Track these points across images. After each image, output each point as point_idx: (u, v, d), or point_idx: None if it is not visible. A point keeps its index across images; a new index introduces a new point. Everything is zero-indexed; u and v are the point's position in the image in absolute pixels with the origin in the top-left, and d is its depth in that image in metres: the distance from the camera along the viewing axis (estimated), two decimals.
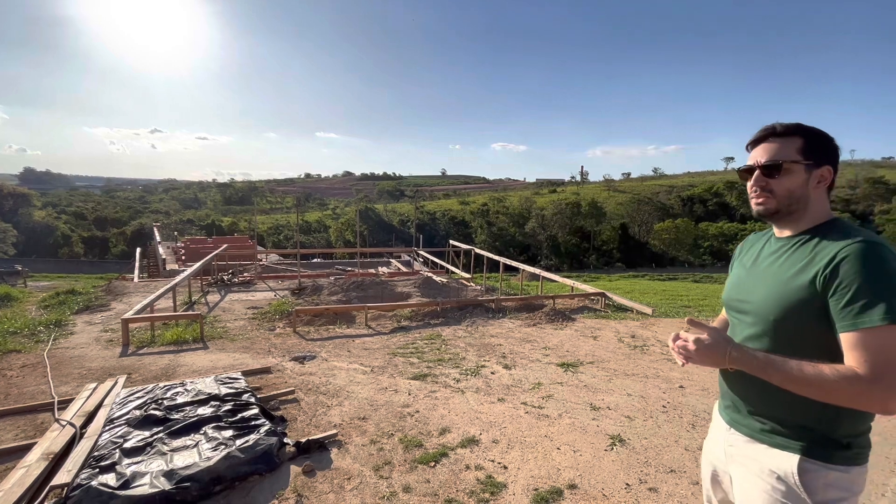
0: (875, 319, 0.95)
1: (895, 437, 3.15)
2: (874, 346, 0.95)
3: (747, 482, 1.19)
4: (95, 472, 2.38)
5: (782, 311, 1.11)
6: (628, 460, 2.83)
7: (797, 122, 1.17)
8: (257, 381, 4.16)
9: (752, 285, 1.22)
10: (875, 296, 0.96)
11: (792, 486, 1.09)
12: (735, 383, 1.23)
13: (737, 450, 1.23)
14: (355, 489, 2.51)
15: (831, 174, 1.15)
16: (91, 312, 7.52)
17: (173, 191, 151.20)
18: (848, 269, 1.00)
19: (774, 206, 1.17)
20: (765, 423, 1.17)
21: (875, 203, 58.75)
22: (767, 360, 1.06)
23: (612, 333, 6.15)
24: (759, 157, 1.18)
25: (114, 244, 57.14)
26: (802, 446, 1.10)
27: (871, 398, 0.95)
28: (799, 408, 1.09)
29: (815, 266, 1.07)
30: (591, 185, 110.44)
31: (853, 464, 1.08)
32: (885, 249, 1.00)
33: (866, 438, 1.11)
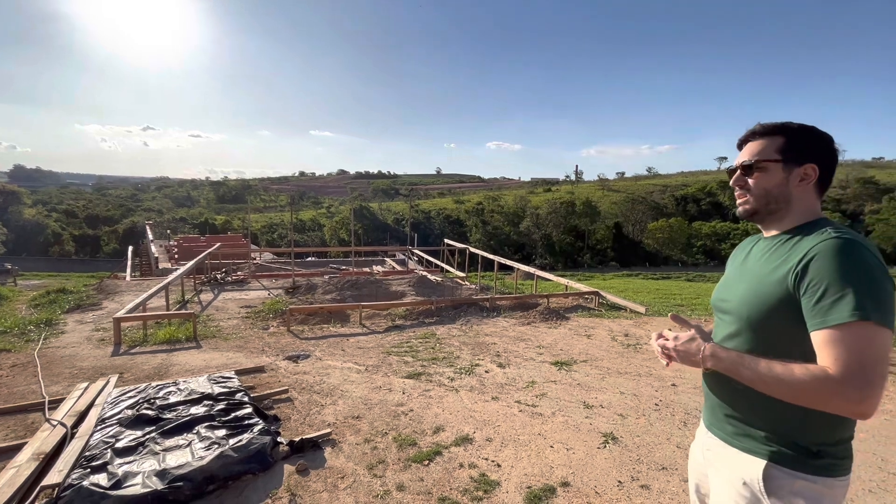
0: (845, 316, 0.91)
1: (883, 433, 3.20)
2: (844, 343, 0.91)
3: (719, 487, 1.16)
4: (87, 472, 2.37)
5: (756, 309, 1.08)
6: (621, 458, 2.85)
7: (783, 122, 1.14)
8: (251, 380, 4.14)
9: (733, 285, 1.20)
10: (845, 292, 0.92)
11: (756, 492, 1.06)
12: (712, 384, 1.20)
13: (713, 454, 1.21)
14: (349, 488, 2.51)
15: (816, 172, 1.10)
16: (82, 311, 7.45)
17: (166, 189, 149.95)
18: (818, 266, 0.97)
19: (752, 206, 1.16)
20: (737, 426, 1.13)
21: (865, 203, 59.45)
22: (739, 359, 1.04)
23: (605, 332, 6.19)
24: (741, 156, 1.18)
25: (105, 242, 56.59)
26: (770, 452, 1.06)
27: (842, 399, 0.89)
28: (768, 411, 1.06)
29: (788, 263, 1.03)
30: (585, 184, 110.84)
31: (824, 474, 1.02)
32: (858, 245, 0.96)
33: (843, 449, 1.04)
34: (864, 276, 0.93)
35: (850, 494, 2.49)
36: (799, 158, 1.10)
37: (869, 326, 0.89)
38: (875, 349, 0.89)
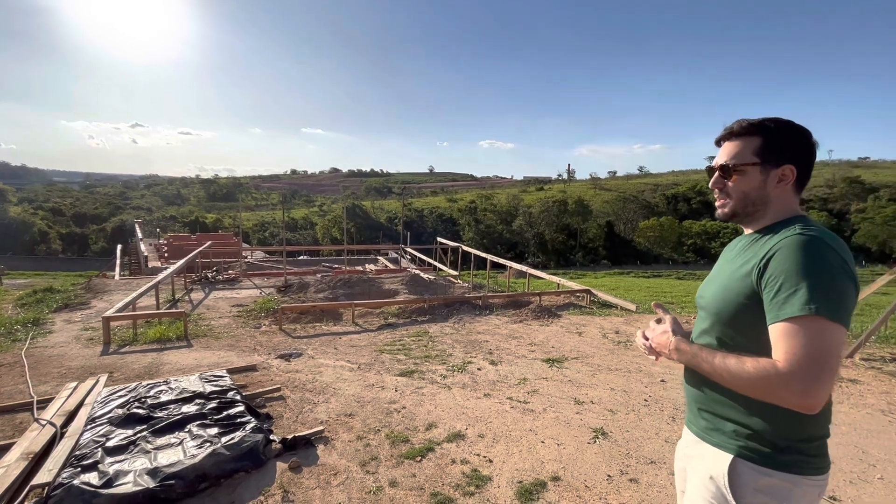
0: (796, 310, 0.91)
1: (864, 426, 3.28)
2: (794, 336, 0.91)
3: (692, 483, 1.17)
4: (77, 471, 2.36)
5: (724, 303, 1.09)
6: (610, 452, 2.90)
7: (760, 120, 1.11)
8: (243, 378, 4.13)
9: (710, 282, 1.21)
10: (798, 286, 0.92)
11: (721, 487, 1.06)
12: (688, 379, 1.21)
13: (690, 449, 1.22)
14: (342, 484, 2.52)
15: (794, 173, 1.09)
16: (70, 311, 7.35)
17: (155, 186, 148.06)
18: (778, 261, 0.97)
19: (730, 209, 1.16)
20: (709, 420, 1.14)
21: (851, 202, 60.48)
22: (699, 352, 1.05)
23: (596, 329, 6.26)
24: (718, 157, 1.17)
25: (93, 241, 55.79)
26: (738, 447, 1.05)
27: (787, 391, 0.90)
28: (736, 405, 1.06)
29: (754, 260, 1.04)
30: (577, 183, 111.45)
31: (792, 471, 1.00)
32: (820, 242, 0.96)
33: (815, 447, 1.03)
34: (821, 272, 0.93)
35: (831, 486, 2.56)
36: (777, 160, 1.09)
37: (819, 321, 0.90)
38: (823, 344, 0.89)
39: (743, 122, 1.13)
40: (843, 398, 3.80)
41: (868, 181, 66.97)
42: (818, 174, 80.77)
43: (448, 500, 2.38)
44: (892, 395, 3.84)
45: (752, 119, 1.12)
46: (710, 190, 1.21)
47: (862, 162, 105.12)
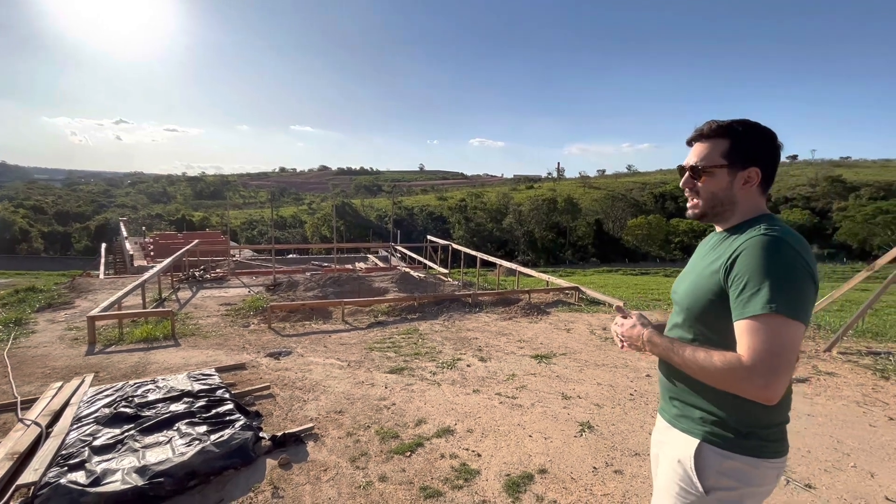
0: (758, 308, 0.97)
1: (839, 417, 3.39)
2: (756, 333, 0.97)
3: (663, 466, 1.24)
4: (64, 470, 2.34)
5: (694, 300, 1.15)
6: (596, 445, 2.96)
7: (728, 123, 1.15)
8: (231, 377, 4.12)
9: (683, 278, 1.27)
10: (760, 286, 0.98)
11: (688, 468, 1.12)
12: (662, 370, 1.28)
13: (661, 435, 1.29)
14: (331, 480, 2.54)
15: (759, 175, 1.14)
16: (54, 310, 7.23)
17: (140, 184, 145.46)
18: (743, 261, 1.03)
19: (700, 209, 1.21)
20: (679, 408, 1.21)
21: (833, 201, 61.83)
22: (670, 345, 1.11)
23: (584, 326, 6.34)
24: (689, 158, 1.21)
25: (77, 240, 54.68)
26: (704, 432, 1.12)
27: (749, 384, 0.96)
28: (704, 394, 1.13)
29: (721, 258, 1.10)
30: (567, 181, 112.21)
31: (753, 455, 1.07)
32: (782, 243, 1.01)
33: (775, 432, 1.10)
34: (782, 272, 0.99)
35: (807, 473, 2.65)
36: (743, 162, 1.14)
37: (778, 319, 0.96)
38: (782, 340, 0.95)
39: (712, 124, 1.17)
40: (820, 390, 3.92)
41: (849, 180, 68.55)
42: (801, 173, 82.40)
43: (437, 494, 2.42)
44: (867, 388, 3.97)
45: (721, 121, 1.16)
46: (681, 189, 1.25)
47: (843, 161, 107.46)
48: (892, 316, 7.74)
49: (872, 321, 6.63)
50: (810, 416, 3.40)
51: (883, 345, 5.20)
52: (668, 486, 1.19)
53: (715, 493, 1.10)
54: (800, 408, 3.56)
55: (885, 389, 3.93)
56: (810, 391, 3.90)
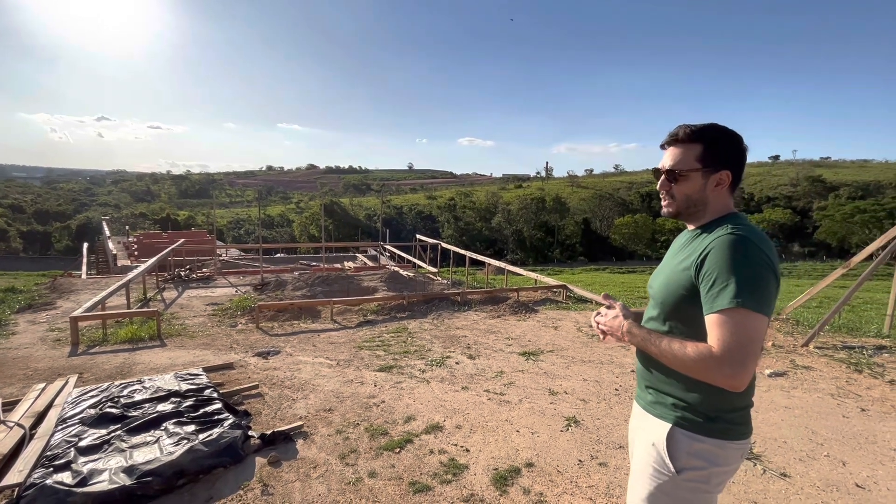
0: (725, 303, 1.05)
1: (815, 409, 3.51)
2: (724, 326, 1.04)
3: (638, 450, 1.32)
4: (49, 470, 2.32)
5: (668, 294, 1.23)
6: (582, 439, 3.02)
7: (701, 128, 1.22)
8: (219, 377, 4.10)
9: (658, 273, 1.34)
10: (728, 282, 1.06)
11: (661, 451, 1.21)
12: (639, 359, 1.35)
13: (637, 422, 1.37)
14: (321, 476, 2.56)
15: (729, 178, 1.21)
16: (35, 311, 7.09)
17: (123, 182, 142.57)
18: (712, 259, 1.11)
19: (675, 209, 1.28)
20: (653, 395, 1.29)
21: (814, 200, 63.32)
22: (648, 336, 1.19)
23: (571, 323, 6.43)
24: (665, 161, 1.28)
25: (57, 239, 53.44)
26: (675, 417, 1.20)
27: (718, 373, 1.04)
28: (676, 382, 1.21)
29: (693, 256, 1.17)
30: (555, 180, 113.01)
31: (720, 437, 1.16)
32: (747, 241, 1.09)
33: (740, 416, 1.18)
34: (746, 268, 1.07)
35: (783, 462, 2.75)
36: (715, 165, 1.21)
37: (744, 312, 1.03)
38: (747, 332, 1.03)
39: (686, 129, 1.23)
40: (797, 384, 4.05)
41: (829, 180, 70.29)
42: (783, 173, 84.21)
43: (426, 489, 2.46)
44: (842, 381, 4.11)
45: (694, 127, 1.23)
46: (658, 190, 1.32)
47: (824, 161, 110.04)
48: (869, 312, 8.00)
49: (849, 317, 6.84)
50: (787, 409, 3.51)
51: (857, 339, 5.38)
52: (643, 468, 1.26)
53: (685, 472, 1.18)
54: (777, 400, 3.67)
55: (858, 382, 4.07)
56: (788, 384, 4.03)
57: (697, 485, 1.18)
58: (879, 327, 5.74)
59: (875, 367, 4.40)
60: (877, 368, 4.38)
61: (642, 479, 1.26)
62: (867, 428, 3.22)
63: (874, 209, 45.00)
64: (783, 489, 2.50)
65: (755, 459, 2.77)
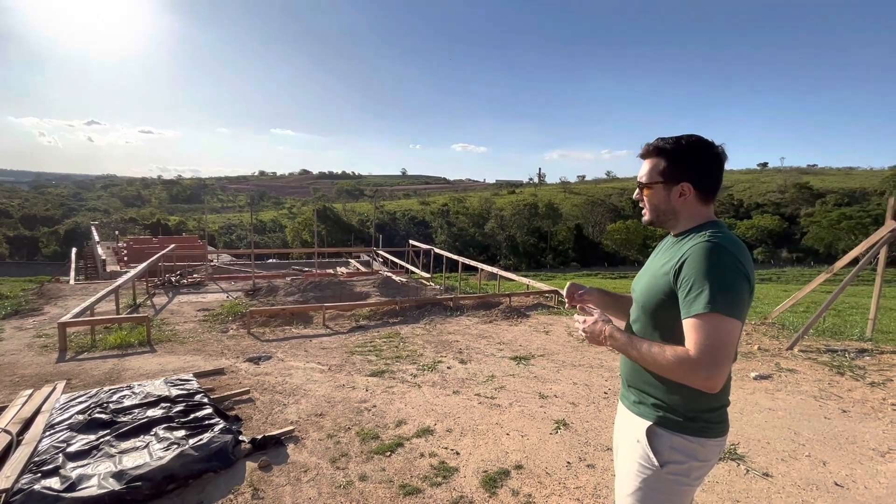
0: (700, 308, 1.10)
1: (797, 411, 3.59)
2: (699, 330, 1.10)
3: (623, 447, 1.38)
4: (38, 476, 2.32)
5: (648, 298, 1.29)
6: (570, 441, 3.07)
7: (664, 143, 1.29)
8: (210, 382, 4.09)
9: (640, 277, 1.41)
10: (702, 288, 1.11)
11: (644, 446, 1.27)
12: (622, 362, 1.42)
13: (621, 421, 1.43)
14: (312, 480, 2.57)
15: (691, 190, 1.27)
16: (21, 317, 7.00)
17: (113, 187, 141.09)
18: (688, 266, 1.16)
19: (649, 217, 1.37)
20: (636, 395, 1.35)
21: (801, 206, 64.37)
22: (629, 341, 1.24)
23: (562, 328, 6.49)
24: (639, 173, 1.36)
25: (45, 244, 52.68)
26: (657, 416, 1.27)
27: (694, 374, 1.10)
28: (658, 384, 1.27)
29: (671, 262, 1.23)
30: (548, 186, 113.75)
31: (699, 435, 1.22)
32: (721, 249, 1.14)
33: (717, 415, 1.25)
34: (719, 275, 1.12)
35: (765, 463, 2.81)
36: (676, 178, 1.28)
37: (717, 317, 1.09)
38: (720, 335, 1.09)
39: (651, 144, 1.32)
40: (781, 386, 4.13)
41: (816, 187, 71.55)
42: (771, 180, 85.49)
43: (416, 491, 2.48)
44: (824, 383, 4.20)
45: (658, 142, 1.31)
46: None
47: (811, 169, 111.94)
48: (853, 316, 8.14)
49: (834, 321, 6.97)
50: (771, 410, 3.58)
51: (840, 343, 5.49)
52: (629, 465, 1.32)
53: (668, 465, 1.24)
54: (762, 402, 3.74)
55: (840, 384, 4.17)
56: (772, 387, 4.11)
57: (678, 477, 1.24)
58: (862, 331, 5.86)
59: (857, 370, 4.50)
60: (858, 371, 4.48)
61: (629, 476, 1.32)
62: (848, 428, 3.30)
63: (860, 215, 45.87)
64: (765, 488, 2.55)
65: (738, 460, 2.83)
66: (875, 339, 5.56)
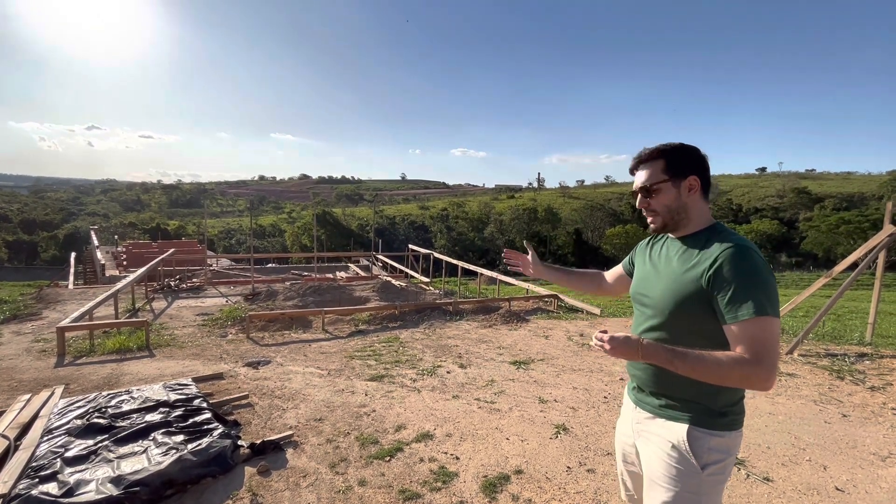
0: (751, 312, 1.14)
1: (798, 415, 3.59)
2: (750, 334, 1.14)
3: (650, 453, 1.36)
4: (35, 481, 2.30)
5: (676, 304, 1.29)
6: (570, 446, 3.06)
7: (659, 146, 1.35)
8: (209, 387, 4.07)
9: (652, 282, 1.39)
10: (747, 294, 1.15)
11: (683, 452, 1.27)
12: (639, 368, 1.41)
13: (642, 426, 1.41)
14: (311, 486, 2.56)
15: (698, 182, 1.32)
16: (20, 322, 6.98)
17: (113, 192, 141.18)
18: (727, 271, 1.19)
19: (661, 222, 1.37)
20: (662, 399, 1.35)
21: (800, 211, 64.48)
22: (674, 353, 1.19)
23: (562, 333, 6.48)
24: (637, 181, 1.38)
25: (44, 249, 52.63)
26: (690, 417, 1.28)
27: (756, 377, 1.13)
28: (686, 385, 1.27)
29: (701, 265, 1.25)
30: (547, 191, 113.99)
31: (730, 429, 1.27)
32: (753, 252, 1.20)
33: (740, 406, 1.31)
34: (760, 278, 1.17)
35: (765, 467, 2.80)
36: (682, 173, 1.32)
37: (768, 319, 1.14)
38: (773, 336, 1.15)
39: (647, 150, 1.37)
40: (781, 391, 4.12)
41: (815, 192, 71.73)
42: (770, 184, 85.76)
43: (416, 496, 2.47)
44: (824, 387, 4.20)
45: (652, 147, 1.36)
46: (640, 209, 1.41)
47: (809, 174, 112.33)
48: (853, 321, 8.15)
49: (834, 325, 6.98)
50: (771, 415, 3.58)
51: (840, 347, 5.49)
52: (663, 471, 1.30)
53: (708, 467, 1.26)
54: (762, 407, 3.74)
55: (840, 389, 4.16)
56: (772, 391, 4.10)
57: (717, 476, 1.27)
58: (862, 335, 5.86)
59: (856, 374, 4.50)
60: (858, 375, 4.47)
61: (664, 483, 1.30)
62: (848, 433, 3.29)
63: (858, 220, 45.94)
64: (766, 493, 2.55)
65: (739, 464, 2.82)
66: (875, 343, 5.56)
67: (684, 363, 1.18)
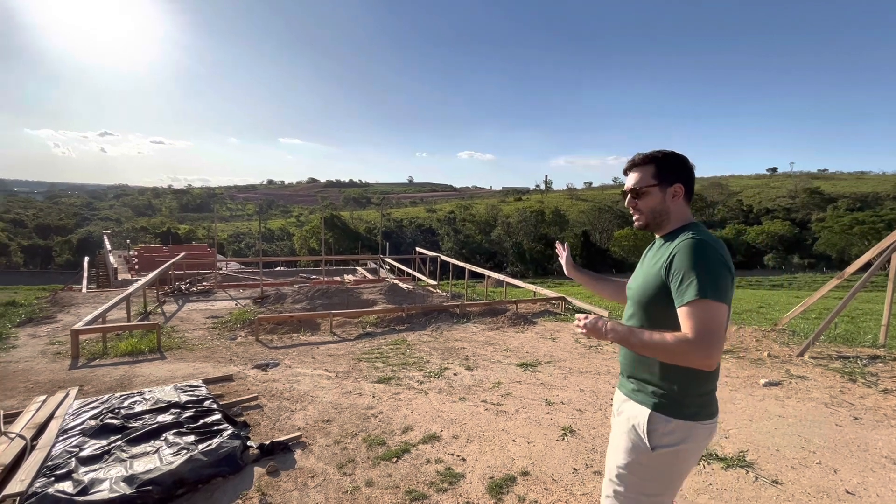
0: (692, 295, 1.24)
1: (808, 418, 3.54)
2: (694, 315, 1.23)
3: (617, 428, 1.51)
4: (51, 480, 2.36)
5: (643, 294, 1.43)
6: (577, 448, 3.06)
7: (651, 152, 1.47)
8: (219, 388, 4.13)
9: (636, 276, 1.55)
10: (692, 278, 1.26)
11: (640, 433, 1.40)
12: (621, 354, 1.55)
13: (619, 407, 1.55)
14: (319, 486, 2.59)
15: (683, 189, 1.45)
16: (35, 325, 7.13)
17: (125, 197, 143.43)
18: (677, 260, 1.32)
19: (644, 221, 1.51)
20: (634, 384, 1.48)
21: (812, 212, 63.55)
22: (630, 331, 1.34)
23: (569, 335, 6.46)
24: (628, 183, 1.52)
25: (58, 253, 53.58)
26: (654, 403, 1.39)
27: (694, 354, 1.21)
28: (654, 373, 1.40)
29: (663, 258, 1.38)
30: (554, 193, 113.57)
31: (690, 419, 1.36)
32: (705, 244, 1.31)
33: (707, 399, 1.39)
34: (706, 266, 1.28)
35: (774, 470, 2.78)
36: (669, 180, 1.45)
37: (708, 302, 1.23)
38: (713, 318, 1.22)
39: (640, 155, 1.50)
40: (791, 393, 4.08)
41: (827, 192, 70.65)
42: (781, 185, 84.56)
43: (422, 497, 2.49)
44: (835, 390, 4.14)
45: (646, 153, 1.49)
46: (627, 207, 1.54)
47: (821, 174, 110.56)
48: (867, 323, 8.01)
49: (847, 327, 6.87)
50: (781, 417, 3.54)
51: (852, 349, 5.41)
52: (622, 444, 1.45)
53: (659, 448, 1.37)
54: (771, 409, 3.70)
55: (851, 391, 4.11)
56: (782, 394, 4.06)
57: (668, 458, 1.37)
58: (875, 337, 5.77)
59: (869, 377, 4.43)
60: (870, 378, 4.41)
61: (620, 453, 1.45)
62: (859, 436, 3.25)
63: (873, 220, 45.19)
64: (774, 496, 2.53)
65: (748, 467, 2.80)
66: (888, 345, 5.47)
67: (639, 340, 1.30)
